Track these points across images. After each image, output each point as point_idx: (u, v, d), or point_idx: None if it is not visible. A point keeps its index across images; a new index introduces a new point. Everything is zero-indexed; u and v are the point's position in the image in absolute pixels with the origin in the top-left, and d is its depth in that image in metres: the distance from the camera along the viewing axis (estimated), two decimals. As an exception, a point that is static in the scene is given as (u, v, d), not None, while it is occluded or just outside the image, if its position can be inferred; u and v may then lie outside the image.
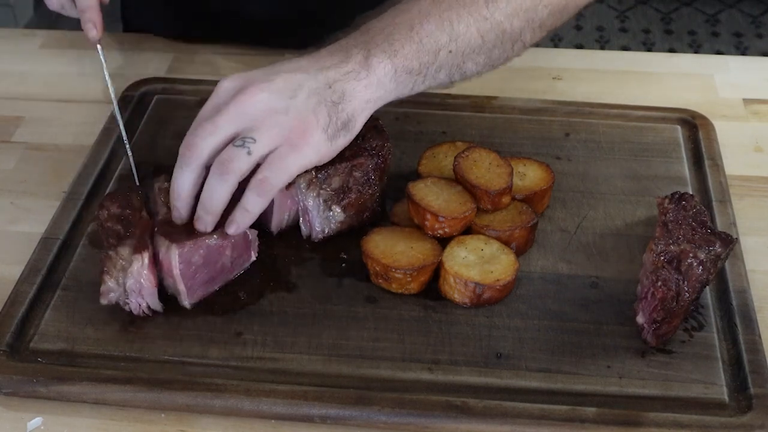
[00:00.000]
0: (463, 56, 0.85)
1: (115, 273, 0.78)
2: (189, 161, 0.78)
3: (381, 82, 0.80)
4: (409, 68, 0.82)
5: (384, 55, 0.80)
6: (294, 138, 0.77)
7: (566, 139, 1.01)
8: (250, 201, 0.78)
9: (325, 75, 0.79)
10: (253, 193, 0.78)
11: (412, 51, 0.81)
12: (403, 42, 0.81)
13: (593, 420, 0.73)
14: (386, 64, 0.80)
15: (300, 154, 0.78)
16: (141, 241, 0.78)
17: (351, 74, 0.80)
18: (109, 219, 0.81)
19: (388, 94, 0.82)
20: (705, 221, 0.81)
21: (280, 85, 0.78)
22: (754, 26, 2.85)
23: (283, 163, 0.77)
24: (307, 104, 0.78)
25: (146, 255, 0.77)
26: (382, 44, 0.81)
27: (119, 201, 0.82)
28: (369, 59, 0.80)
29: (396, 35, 0.81)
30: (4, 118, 1.07)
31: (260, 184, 0.77)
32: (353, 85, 0.79)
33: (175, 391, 0.75)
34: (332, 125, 0.79)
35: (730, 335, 0.80)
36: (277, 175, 0.77)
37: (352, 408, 0.74)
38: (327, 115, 0.78)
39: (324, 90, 0.79)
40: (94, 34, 0.92)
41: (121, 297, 0.79)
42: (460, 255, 0.83)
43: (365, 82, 0.80)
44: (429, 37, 0.82)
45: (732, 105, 1.08)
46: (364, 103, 0.80)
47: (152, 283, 0.78)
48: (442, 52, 0.83)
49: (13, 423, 0.75)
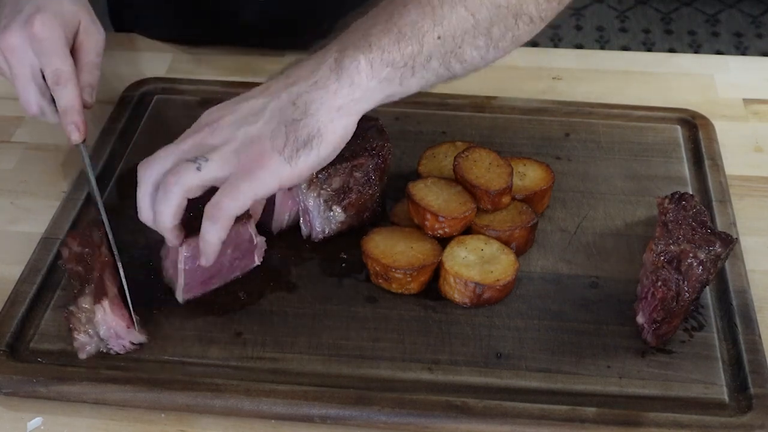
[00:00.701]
0: (455, 40, 0.78)
1: (82, 327, 0.76)
2: (143, 180, 0.76)
3: (355, 81, 0.75)
4: (388, 61, 0.75)
5: (357, 52, 0.75)
6: (248, 164, 0.73)
7: (566, 139, 1.01)
8: (205, 228, 0.75)
9: (289, 92, 0.75)
10: (207, 220, 0.75)
11: (390, 42, 0.75)
12: (379, 35, 0.76)
13: (593, 420, 0.73)
14: (360, 60, 0.75)
15: (255, 180, 0.73)
16: (100, 286, 0.77)
17: (318, 83, 0.75)
18: (71, 259, 0.80)
19: (370, 93, 0.76)
20: (705, 221, 0.81)
21: (244, 113, 0.76)
22: (754, 26, 2.85)
23: (237, 189, 0.73)
24: (265, 128, 0.74)
25: (106, 301, 0.76)
26: (357, 42, 0.76)
27: (80, 238, 0.81)
28: (341, 61, 0.75)
29: (372, 30, 0.76)
30: (4, 118, 1.06)
31: (212, 208, 0.74)
32: (319, 95, 0.75)
33: (175, 391, 0.75)
34: (289, 146, 0.74)
35: (730, 335, 0.80)
36: (230, 201, 0.73)
37: (352, 408, 0.74)
38: (284, 136, 0.74)
39: (286, 108, 0.75)
40: (77, 137, 0.88)
41: (100, 345, 0.77)
42: (460, 255, 0.83)
43: (334, 87, 0.75)
44: (409, 26, 0.76)
45: (732, 105, 1.08)
46: (334, 112, 0.75)
47: (123, 324, 0.76)
48: (427, 38, 0.76)
49: (13, 423, 0.75)
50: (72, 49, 0.90)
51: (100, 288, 0.77)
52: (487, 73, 0.86)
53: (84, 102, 0.90)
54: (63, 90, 0.87)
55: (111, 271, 0.79)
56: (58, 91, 0.88)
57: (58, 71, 0.87)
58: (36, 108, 0.90)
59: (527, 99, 1.06)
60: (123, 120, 1.03)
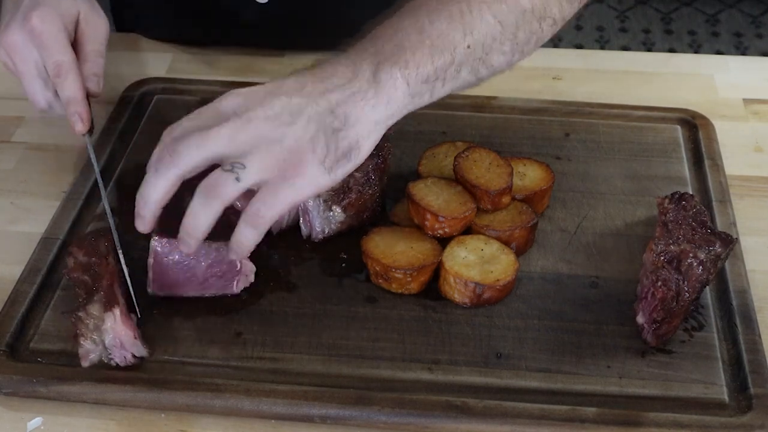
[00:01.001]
0: (483, 48, 0.78)
1: (89, 333, 0.75)
2: (168, 168, 0.72)
3: (392, 98, 0.75)
4: (424, 76, 0.76)
5: (395, 68, 0.74)
6: (287, 170, 0.71)
7: (566, 139, 1.01)
8: (244, 234, 0.73)
9: (327, 98, 0.73)
10: (247, 226, 0.73)
11: (424, 56, 0.75)
12: (414, 49, 0.75)
13: (593, 420, 0.73)
14: (397, 77, 0.74)
15: (293, 188, 0.72)
16: (110, 295, 0.76)
17: (357, 95, 0.74)
18: (76, 268, 0.80)
19: (402, 108, 0.76)
20: (705, 221, 0.81)
21: (278, 111, 0.72)
22: (754, 26, 2.85)
23: (276, 198, 0.72)
24: (304, 133, 0.72)
25: (117, 309, 0.75)
26: (391, 55, 0.75)
27: (86, 248, 0.81)
28: (378, 74, 0.74)
29: (405, 42, 0.75)
30: (4, 118, 1.06)
31: (253, 217, 0.72)
32: (359, 107, 0.73)
33: (175, 391, 0.75)
34: (330, 156, 0.72)
35: (730, 335, 0.80)
36: (270, 209, 0.72)
37: (352, 408, 0.74)
38: (325, 145, 0.72)
39: (325, 116, 0.73)
40: (81, 128, 0.87)
41: (103, 354, 0.76)
42: (460, 255, 0.83)
43: (373, 101, 0.74)
44: (441, 37, 0.76)
45: (732, 105, 1.08)
46: (372, 126, 0.74)
47: (131, 334, 0.76)
48: (458, 49, 0.77)
49: (13, 423, 0.75)
50: (74, 40, 0.91)
51: (111, 296, 0.76)
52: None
53: (90, 91, 0.89)
54: (64, 82, 0.87)
55: (119, 281, 0.79)
56: (60, 83, 0.88)
57: (58, 63, 0.87)
58: (44, 102, 0.90)
59: (527, 99, 1.06)
60: (123, 120, 1.03)
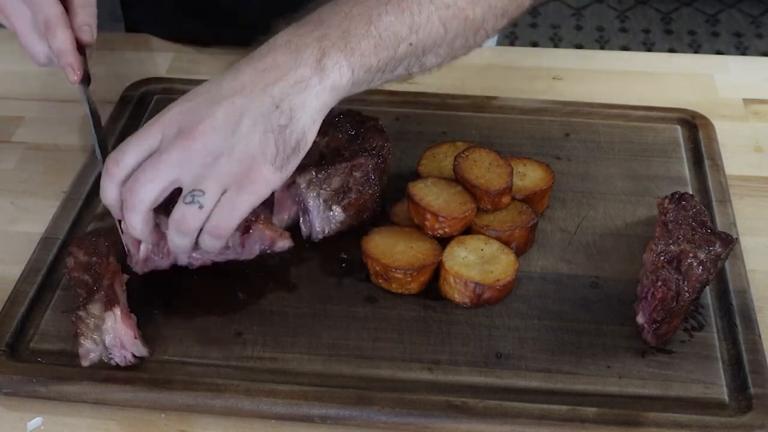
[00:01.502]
0: (424, 49, 0.80)
1: (90, 333, 0.75)
2: (135, 206, 0.75)
3: (336, 85, 0.75)
4: (367, 66, 0.77)
5: (341, 55, 0.75)
6: (242, 179, 0.73)
7: (566, 139, 1.01)
8: (207, 243, 0.76)
9: (270, 93, 0.74)
10: (210, 237, 0.76)
11: (370, 47, 0.76)
12: (360, 38, 0.76)
13: (593, 420, 0.73)
14: (342, 65, 0.75)
15: (249, 194, 0.74)
16: (110, 294, 0.76)
17: (300, 84, 0.74)
18: (76, 268, 0.79)
19: (341, 94, 0.77)
20: (705, 221, 0.81)
21: (221, 120, 0.73)
22: (754, 26, 2.85)
23: (233, 207, 0.74)
24: (251, 137, 0.73)
25: (117, 309, 0.75)
26: (337, 41, 0.75)
27: (86, 247, 0.80)
28: (323, 60, 0.74)
29: (353, 30, 0.76)
30: (4, 118, 1.06)
31: (214, 229, 0.75)
32: (303, 98, 0.74)
33: (175, 391, 0.75)
34: (280, 155, 0.74)
35: (730, 335, 0.80)
36: (229, 219, 0.75)
37: (352, 408, 0.74)
38: (274, 146, 0.73)
39: (270, 114, 0.73)
40: (73, 78, 0.87)
41: (103, 354, 0.76)
42: (460, 255, 0.83)
43: (318, 88, 0.75)
44: (388, 30, 0.77)
45: (732, 105, 1.08)
46: (316, 114, 0.75)
47: (131, 334, 0.76)
48: (402, 45, 0.78)
49: (13, 423, 0.75)
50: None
51: (111, 296, 0.76)
52: (487, 73, 0.86)
53: (82, 41, 0.89)
54: (54, 35, 0.87)
55: (119, 281, 0.79)
56: (50, 36, 0.87)
57: (47, 17, 0.87)
58: (42, 57, 0.90)
59: (527, 99, 1.06)
60: (123, 120, 1.03)
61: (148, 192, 0.74)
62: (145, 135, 0.75)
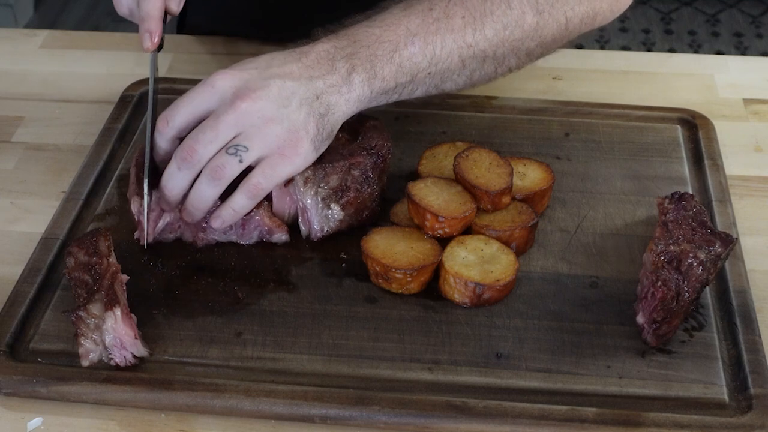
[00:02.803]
0: (441, 78, 0.88)
1: (90, 333, 0.76)
2: (188, 166, 0.81)
3: (359, 99, 0.84)
4: (385, 89, 0.85)
5: (365, 75, 0.84)
6: (285, 148, 0.81)
7: (566, 139, 1.01)
8: (239, 202, 0.82)
9: (314, 85, 0.82)
10: (244, 196, 0.82)
11: (390, 73, 0.85)
12: (383, 65, 0.84)
13: (593, 420, 0.73)
14: (365, 85, 0.84)
15: (290, 163, 0.81)
16: (110, 294, 0.76)
17: (335, 87, 0.83)
18: (76, 268, 0.79)
19: (362, 107, 0.86)
20: (705, 221, 0.81)
21: (275, 93, 0.80)
22: (754, 26, 2.85)
23: (275, 171, 0.81)
24: (298, 115, 0.81)
25: (118, 309, 0.75)
26: (364, 62, 0.84)
27: (86, 247, 0.81)
28: (351, 76, 0.83)
29: (379, 54, 0.84)
30: (4, 118, 1.07)
31: (252, 188, 0.81)
32: (337, 99, 0.83)
33: (174, 391, 0.75)
34: (318, 136, 0.82)
35: (730, 335, 0.80)
36: (268, 181, 0.82)
37: (352, 408, 0.74)
38: (315, 127, 0.82)
39: (313, 101, 0.82)
40: (148, 45, 0.89)
41: (103, 354, 0.76)
42: (460, 255, 0.83)
43: (346, 96, 0.83)
44: (410, 61, 0.85)
45: (732, 105, 1.08)
46: (342, 117, 0.84)
47: (131, 334, 0.76)
48: (420, 75, 0.86)
49: (13, 423, 0.75)
50: None
51: (112, 296, 0.76)
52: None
53: (169, 10, 0.92)
54: None
55: (120, 281, 0.79)
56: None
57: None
58: (125, 9, 0.93)
59: (527, 99, 1.06)
60: (123, 119, 1.03)
61: (208, 151, 0.80)
62: (195, 96, 0.82)
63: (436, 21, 0.86)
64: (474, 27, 0.87)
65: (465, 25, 0.87)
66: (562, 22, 0.91)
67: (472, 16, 0.87)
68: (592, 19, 0.95)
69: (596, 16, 0.95)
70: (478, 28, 0.87)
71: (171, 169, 0.82)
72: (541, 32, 0.91)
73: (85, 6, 2.92)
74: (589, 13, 0.94)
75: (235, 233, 0.87)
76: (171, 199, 0.83)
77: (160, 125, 0.83)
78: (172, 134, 0.83)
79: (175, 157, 0.81)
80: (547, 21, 0.90)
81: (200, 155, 0.80)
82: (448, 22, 0.86)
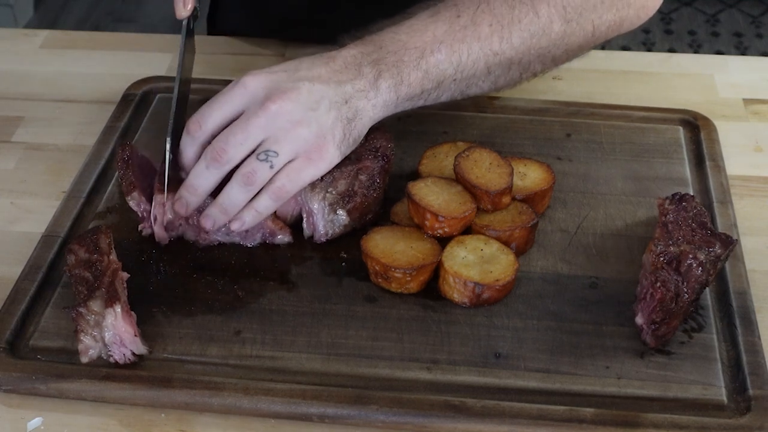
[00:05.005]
0: (467, 84, 0.88)
1: (90, 329, 0.76)
2: (218, 166, 0.81)
3: (385, 104, 0.85)
4: (410, 95, 0.86)
5: (391, 81, 0.84)
6: (312, 152, 0.81)
7: (567, 139, 1.01)
8: (264, 204, 0.83)
9: (343, 89, 0.83)
10: (269, 199, 0.82)
11: (417, 80, 0.85)
12: (410, 71, 0.85)
13: (591, 420, 0.73)
14: (391, 91, 0.84)
15: (315, 167, 0.82)
16: (111, 291, 0.76)
17: (363, 92, 0.83)
18: (77, 265, 0.79)
19: (388, 112, 0.86)
20: (705, 222, 0.81)
21: (305, 96, 0.81)
22: (754, 26, 2.85)
23: (299, 175, 0.82)
24: (326, 119, 0.81)
25: (118, 306, 0.75)
26: (391, 69, 0.84)
27: (87, 245, 0.81)
28: (378, 81, 0.84)
29: (405, 61, 0.85)
30: (4, 118, 1.07)
31: (278, 191, 0.82)
32: (364, 104, 0.83)
33: (174, 389, 0.75)
34: (345, 141, 0.83)
35: (730, 337, 0.80)
36: (293, 185, 0.82)
37: (351, 407, 0.74)
38: (342, 132, 0.82)
39: (341, 105, 0.82)
40: (182, 13, 0.90)
41: (102, 351, 0.77)
42: (459, 255, 0.83)
43: (373, 102, 0.84)
44: (436, 67, 0.85)
45: (732, 105, 1.08)
46: (369, 122, 0.85)
47: (131, 331, 0.76)
48: (446, 81, 0.87)
49: (13, 423, 0.75)
50: None
51: (112, 293, 0.76)
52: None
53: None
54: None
55: (120, 279, 0.79)
56: None
57: None
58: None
59: (529, 99, 1.06)
60: (125, 118, 1.03)
61: (239, 153, 0.81)
62: (226, 100, 0.82)
63: (463, 28, 0.86)
64: (501, 35, 0.87)
65: (492, 33, 0.87)
66: (589, 30, 0.92)
67: (500, 24, 0.87)
68: (618, 25, 0.95)
69: (623, 23, 0.95)
70: (505, 36, 0.87)
71: (199, 168, 0.82)
72: (568, 40, 0.91)
73: (85, 6, 2.93)
74: (617, 21, 0.94)
75: (238, 235, 0.87)
76: (193, 199, 0.83)
77: (192, 128, 0.83)
78: (204, 138, 0.83)
79: (205, 156, 0.82)
80: (575, 29, 0.90)
81: (230, 156, 0.81)
82: (475, 30, 0.86)
